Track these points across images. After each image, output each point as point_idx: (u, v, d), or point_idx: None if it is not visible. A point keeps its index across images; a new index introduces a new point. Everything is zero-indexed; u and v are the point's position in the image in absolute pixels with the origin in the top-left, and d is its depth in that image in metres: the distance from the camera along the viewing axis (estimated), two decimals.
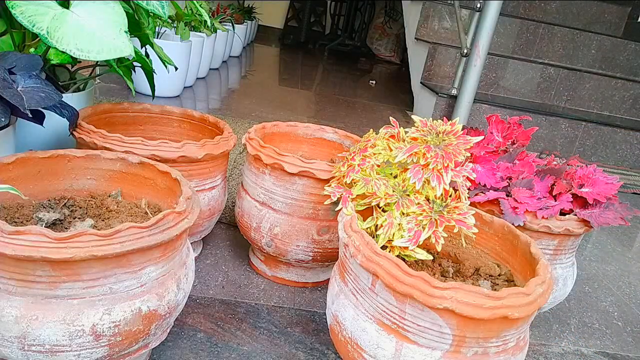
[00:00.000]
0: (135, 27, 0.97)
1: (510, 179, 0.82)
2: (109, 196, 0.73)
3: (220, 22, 2.71)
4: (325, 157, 1.05)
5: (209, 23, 1.79)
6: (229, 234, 1.10)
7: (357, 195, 0.70)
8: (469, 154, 0.85)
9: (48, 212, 0.66)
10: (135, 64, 1.05)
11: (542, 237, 0.78)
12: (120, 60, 1.00)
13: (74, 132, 0.81)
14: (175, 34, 1.98)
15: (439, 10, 2.52)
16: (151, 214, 0.70)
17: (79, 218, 0.68)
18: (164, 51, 1.16)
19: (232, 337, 0.78)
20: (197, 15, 2.06)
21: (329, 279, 0.88)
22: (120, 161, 0.73)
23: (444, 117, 0.70)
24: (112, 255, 0.51)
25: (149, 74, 1.04)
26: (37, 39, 0.85)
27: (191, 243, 0.95)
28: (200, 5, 1.42)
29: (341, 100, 2.70)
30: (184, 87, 2.16)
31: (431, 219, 0.64)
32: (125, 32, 0.75)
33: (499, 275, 0.71)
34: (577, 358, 0.91)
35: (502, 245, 0.73)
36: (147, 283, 0.56)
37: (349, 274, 0.64)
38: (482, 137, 0.75)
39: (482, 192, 0.80)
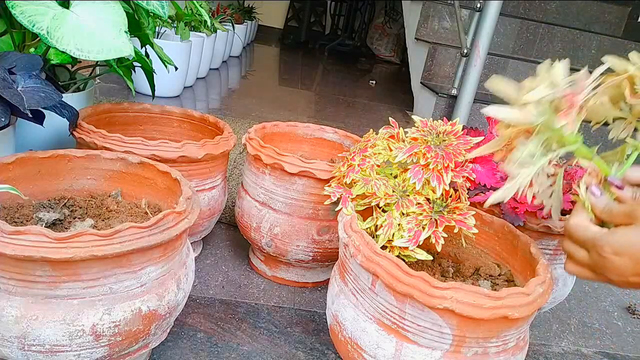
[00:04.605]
0: (135, 27, 0.97)
1: None
2: (109, 196, 0.73)
3: (220, 22, 2.71)
4: (325, 157, 1.05)
5: (209, 23, 1.79)
6: (229, 234, 1.10)
7: (357, 195, 0.70)
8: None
9: (48, 212, 0.66)
10: (135, 64, 1.05)
11: (542, 237, 0.78)
12: (120, 60, 1.00)
13: (74, 132, 0.81)
14: (175, 34, 1.98)
15: (439, 10, 2.52)
16: (151, 214, 0.70)
17: (79, 218, 0.68)
18: (164, 51, 1.16)
19: (232, 337, 0.78)
20: (197, 15, 2.06)
21: (329, 279, 0.88)
22: (120, 161, 0.73)
23: (444, 117, 0.70)
24: (112, 255, 0.51)
25: (149, 74, 1.04)
26: (37, 39, 0.85)
27: (191, 243, 0.95)
28: (200, 5, 1.42)
29: (341, 100, 2.70)
30: (184, 87, 2.15)
31: (431, 219, 0.64)
32: (125, 32, 0.75)
33: (499, 275, 0.71)
34: (577, 358, 0.91)
35: (502, 245, 0.73)
36: (147, 283, 0.56)
37: (349, 274, 0.64)
38: (482, 137, 0.75)
39: (482, 192, 0.80)
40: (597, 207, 0.51)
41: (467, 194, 0.69)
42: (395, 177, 0.69)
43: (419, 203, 0.65)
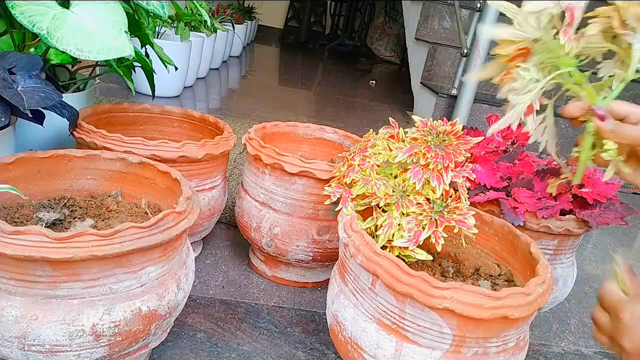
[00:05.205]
0: (135, 27, 0.97)
1: (510, 179, 0.82)
2: (109, 196, 0.73)
3: (220, 22, 2.71)
4: (325, 157, 1.05)
5: (209, 23, 1.79)
6: (229, 234, 1.10)
7: (357, 195, 0.70)
8: (469, 154, 0.85)
9: (48, 212, 0.66)
10: (135, 64, 1.05)
11: (542, 237, 0.78)
12: (120, 60, 1.00)
13: (74, 132, 0.81)
14: (175, 34, 1.98)
15: (439, 10, 2.52)
16: (151, 214, 0.70)
17: (79, 218, 0.68)
18: (164, 51, 1.16)
19: (232, 337, 0.78)
20: (197, 15, 2.06)
21: (329, 279, 0.88)
22: (120, 161, 0.73)
23: (444, 117, 0.70)
24: (112, 255, 0.51)
25: (149, 74, 1.04)
26: (37, 39, 0.85)
27: (191, 243, 0.95)
28: (200, 5, 1.42)
29: (341, 100, 2.70)
30: (184, 87, 2.15)
31: (431, 219, 0.64)
32: (125, 32, 0.75)
33: (499, 275, 0.71)
34: (577, 358, 0.91)
35: (502, 245, 0.73)
36: (147, 283, 0.56)
37: (349, 274, 0.64)
38: (482, 137, 0.75)
39: (482, 192, 0.80)
40: (605, 129, 0.49)
41: (467, 194, 0.69)
42: (395, 177, 0.69)
43: (419, 203, 0.65)
